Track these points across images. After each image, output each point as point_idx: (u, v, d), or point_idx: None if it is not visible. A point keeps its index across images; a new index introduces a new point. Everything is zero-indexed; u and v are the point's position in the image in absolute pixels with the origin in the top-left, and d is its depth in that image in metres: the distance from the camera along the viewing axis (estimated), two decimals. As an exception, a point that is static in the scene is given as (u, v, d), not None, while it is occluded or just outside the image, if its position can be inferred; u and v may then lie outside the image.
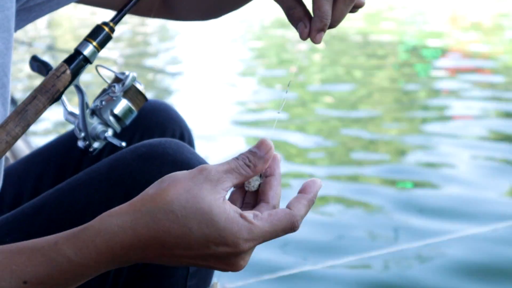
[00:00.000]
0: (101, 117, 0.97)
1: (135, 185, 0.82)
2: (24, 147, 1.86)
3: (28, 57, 0.97)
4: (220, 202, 0.60)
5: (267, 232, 0.61)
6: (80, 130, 0.96)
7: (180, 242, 0.60)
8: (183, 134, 1.12)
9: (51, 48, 6.96)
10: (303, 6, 0.79)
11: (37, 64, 0.98)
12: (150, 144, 0.86)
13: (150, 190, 0.63)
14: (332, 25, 0.78)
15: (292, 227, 0.62)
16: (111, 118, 0.97)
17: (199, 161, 0.85)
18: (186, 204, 0.59)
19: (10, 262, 0.62)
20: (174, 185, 0.61)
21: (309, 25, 0.77)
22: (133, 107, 0.99)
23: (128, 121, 0.99)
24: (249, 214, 0.60)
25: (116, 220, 0.61)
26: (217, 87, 5.61)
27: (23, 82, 5.75)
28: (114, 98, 0.97)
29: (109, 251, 0.60)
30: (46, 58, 1.01)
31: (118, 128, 0.98)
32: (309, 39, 0.77)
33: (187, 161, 0.84)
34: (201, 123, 4.03)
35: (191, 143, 1.13)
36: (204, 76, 6.18)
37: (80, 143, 0.97)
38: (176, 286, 0.87)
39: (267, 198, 0.64)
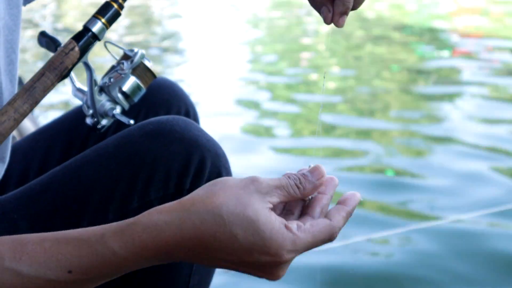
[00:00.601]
0: (110, 94, 0.96)
1: (142, 162, 0.82)
2: (30, 125, 1.86)
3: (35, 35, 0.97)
4: (267, 212, 0.61)
5: (309, 243, 0.62)
6: (88, 107, 0.96)
7: (224, 247, 0.61)
8: (188, 110, 1.12)
9: (58, 27, 6.92)
10: None
11: (46, 40, 0.97)
12: (157, 121, 0.86)
13: (200, 191, 0.64)
14: (354, 7, 0.79)
15: (330, 238, 0.64)
16: (120, 95, 0.96)
17: (207, 138, 0.85)
18: (235, 211, 0.60)
19: (56, 251, 0.63)
20: (225, 190, 0.62)
21: (332, 9, 0.78)
22: (141, 84, 0.98)
23: (136, 99, 0.98)
24: (293, 225, 0.61)
25: (164, 217, 0.62)
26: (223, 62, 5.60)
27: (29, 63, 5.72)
28: (123, 75, 0.97)
29: (154, 247, 0.61)
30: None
31: (126, 106, 0.98)
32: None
33: (195, 139, 0.84)
34: (207, 100, 4.02)
35: (196, 119, 1.13)
36: (210, 52, 6.17)
37: (89, 120, 0.97)
38: (183, 264, 0.88)
39: (313, 213, 0.65)
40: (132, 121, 0.95)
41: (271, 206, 0.62)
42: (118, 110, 0.97)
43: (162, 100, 1.10)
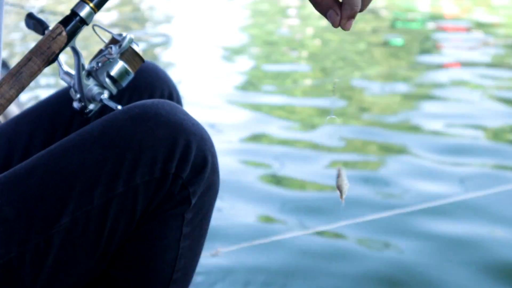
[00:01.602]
0: (97, 79, 0.96)
1: (128, 147, 0.83)
2: (15, 109, 1.85)
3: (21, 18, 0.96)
4: None
5: None
6: (75, 92, 0.96)
7: None
8: (172, 93, 1.13)
9: (43, 11, 6.83)
10: None
11: (33, 22, 0.97)
12: (142, 105, 0.86)
13: None
14: (361, 9, 0.78)
15: None
16: (107, 80, 0.96)
17: (192, 122, 0.86)
18: None
19: None
20: None
21: (340, 13, 0.78)
22: (129, 69, 0.98)
23: (124, 83, 0.98)
24: None
25: None
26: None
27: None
28: (111, 59, 0.96)
29: None
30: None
31: (114, 90, 0.97)
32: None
33: (180, 122, 0.85)
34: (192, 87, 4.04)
35: (179, 102, 1.13)
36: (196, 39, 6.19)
37: (76, 104, 0.97)
38: (169, 247, 0.89)
39: None
40: (119, 107, 0.95)
41: None
42: (105, 95, 0.96)
43: (145, 83, 1.10)
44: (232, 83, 4.29)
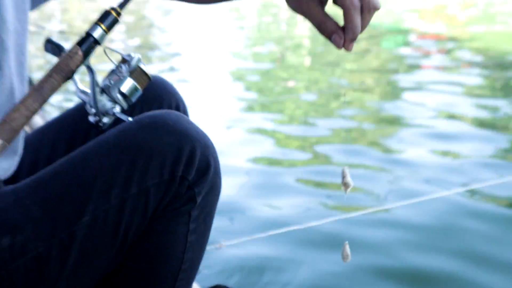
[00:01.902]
0: (110, 95, 1.05)
1: (140, 152, 0.92)
2: (39, 120, 1.97)
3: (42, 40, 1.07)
4: None
5: None
6: (91, 107, 1.05)
7: None
8: (178, 105, 1.23)
9: (62, 32, 7.16)
10: (332, 19, 0.88)
11: (51, 46, 1.07)
12: (152, 115, 0.96)
13: None
14: (360, 31, 0.87)
15: None
16: (119, 96, 1.05)
17: (196, 130, 0.95)
18: None
19: None
20: None
21: (343, 35, 0.86)
22: (138, 86, 1.07)
23: (134, 99, 1.07)
24: None
25: None
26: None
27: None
28: (121, 77, 1.06)
29: None
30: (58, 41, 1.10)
31: (125, 105, 1.07)
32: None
33: (186, 131, 0.94)
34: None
35: (185, 112, 1.24)
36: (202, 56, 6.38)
37: (91, 118, 1.06)
38: (177, 241, 0.98)
39: None
40: (130, 119, 1.05)
41: None
42: (117, 109, 1.06)
43: (154, 95, 1.20)
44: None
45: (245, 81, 5.42)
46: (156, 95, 1.21)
